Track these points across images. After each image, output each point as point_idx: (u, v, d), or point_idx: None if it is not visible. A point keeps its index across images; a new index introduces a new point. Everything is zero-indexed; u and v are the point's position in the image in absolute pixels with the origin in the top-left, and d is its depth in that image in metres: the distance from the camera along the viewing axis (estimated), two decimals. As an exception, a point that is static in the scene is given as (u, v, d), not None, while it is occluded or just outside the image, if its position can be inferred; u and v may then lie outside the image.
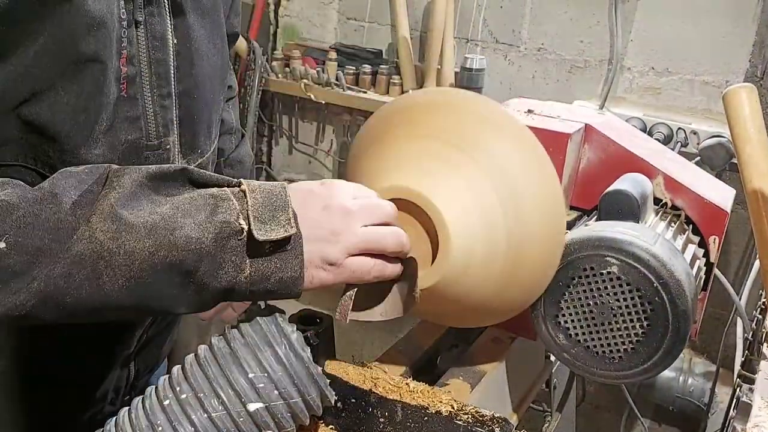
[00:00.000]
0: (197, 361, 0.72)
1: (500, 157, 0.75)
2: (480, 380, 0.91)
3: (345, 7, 2.16)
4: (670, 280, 0.76)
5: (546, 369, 1.15)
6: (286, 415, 0.71)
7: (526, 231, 0.75)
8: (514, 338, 1.01)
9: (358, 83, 2.05)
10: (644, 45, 1.76)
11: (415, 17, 2.02)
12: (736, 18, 1.64)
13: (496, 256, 0.74)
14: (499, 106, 0.80)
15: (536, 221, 0.76)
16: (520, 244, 0.75)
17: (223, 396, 0.68)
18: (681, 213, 0.97)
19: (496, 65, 1.95)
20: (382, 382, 0.79)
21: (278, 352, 0.70)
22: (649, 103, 1.79)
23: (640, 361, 0.80)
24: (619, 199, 0.87)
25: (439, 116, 0.77)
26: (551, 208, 0.77)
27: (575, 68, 1.86)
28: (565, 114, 1.01)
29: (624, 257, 0.78)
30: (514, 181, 0.74)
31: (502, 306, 0.82)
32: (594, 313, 0.81)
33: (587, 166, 1.00)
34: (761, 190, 0.84)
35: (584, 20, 1.81)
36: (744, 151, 0.86)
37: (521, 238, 0.75)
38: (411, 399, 0.77)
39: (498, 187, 0.74)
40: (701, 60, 1.70)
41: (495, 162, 0.74)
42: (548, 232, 0.77)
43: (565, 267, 0.81)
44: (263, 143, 2.40)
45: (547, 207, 0.77)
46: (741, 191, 0.93)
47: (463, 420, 0.74)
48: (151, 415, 0.69)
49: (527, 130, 0.77)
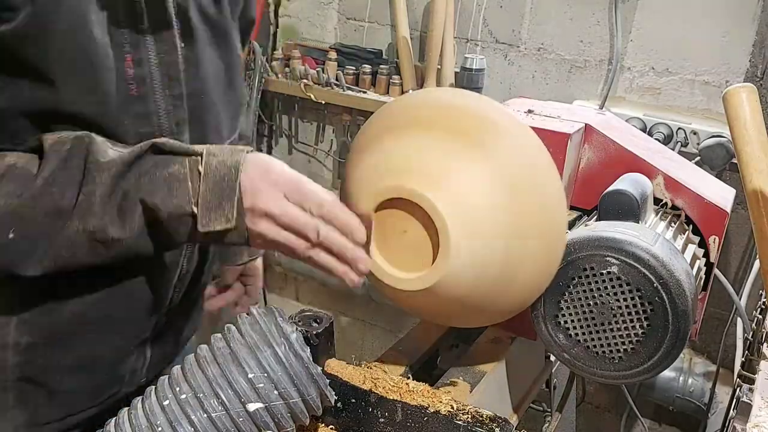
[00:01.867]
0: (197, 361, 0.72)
1: (501, 156, 0.75)
2: (480, 380, 0.91)
3: (345, 7, 2.16)
4: (670, 280, 0.76)
5: (546, 369, 1.15)
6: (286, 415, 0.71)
7: (527, 231, 0.75)
8: (514, 338, 1.01)
9: (358, 83, 2.05)
10: (644, 45, 1.76)
11: (415, 17, 2.02)
12: (736, 18, 1.64)
13: (497, 256, 0.74)
14: (500, 106, 0.80)
15: (537, 221, 0.76)
16: (520, 244, 0.75)
17: (223, 396, 0.68)
18: (681, 213, 0.97)
19: (496, 65, 1.95)
20: (382, 382, 0.79)
21: (278, 352, 0.70)
22: (649, 103, 1.79)
23: (640, 361, 0.80)
24: (619, 199, 0.87)
25: (439, 116, 0.77)
26: (552, 208, 0.77)
27: (575, 68, 1.85)
28: (565, 114, 1.01)
29: (624, 257, 0.78)
30: (514, 180, 0.74)
31: (503, 306, 0.82)
32: (594, 313, 0.81)
33: (587, 166, 1.00)
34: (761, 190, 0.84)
35: (584, 20, 1.81)
36: (744, 151, 0.86)
37: (522, 238, 0.75)
38: (411, 399, 0.77)
39: (498, 186, 0.74)
40: (701, 60, 1.70)
41: (495, 161, 0.74)
42: (549, 232, 0.77)
43: (565, 267, 0.81)
44: (263, 143, 2.40)
45: (547, 207, 0.76)
46: (741, 191, 0.93)
47: (463, 420, 0.74)
48: (150, 415, 0.69)
49: (529, 130, 0.77)
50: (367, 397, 0.79)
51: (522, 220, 0.74)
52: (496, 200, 0.73)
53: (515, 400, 1.02)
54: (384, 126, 0.80)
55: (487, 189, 0.73)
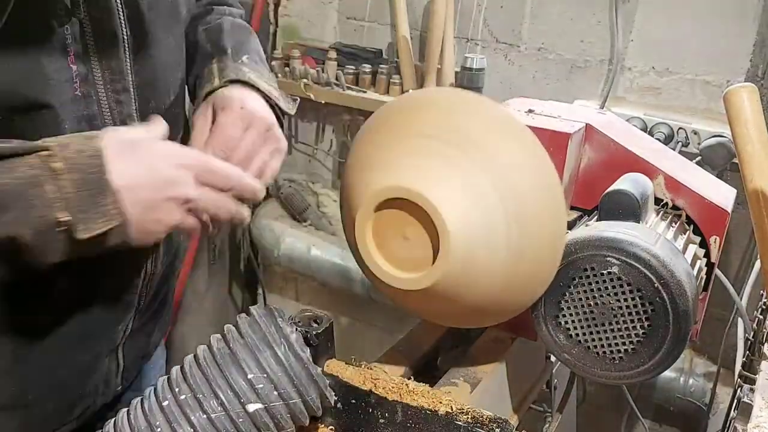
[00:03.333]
0: (196, 361, 0.71)
1: (501, 156, 0.74)
2: (480, 381, 0.91)
3: (345, 7, 2.16)
4: (671, 281, 0.76)
5: (546, 369, 1.15)
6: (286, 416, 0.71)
7: (527, 231, 0.75)
8: (514, 338, 1.01)
9: (357, 83, 2.05)
10: (645, 45, 1.76)
11: (415, 17, 2.02)
12: (736, 17, 1.63)
13: (497, 256, 0.74)
14: (500, 106, 0.79)
15: (537, 221, 0.75)
16: (520, 243, 0.75)
17: (222, 397, 0.68)
18: (682, 213, 0.97)
19: (496, 65, 1.95)
20: (382, 382, 0.79)
21: (277, 353, 0.70)
22: (650, 102, 1.79)
23: (640, 362, 0.80)
24: (619, 199, 0.87)
25: (439, 116, 0.77)
26: (552, 208, 0.77)
27: (576, 68, 1.85)
28: (565, 114, 1.01)
29: (625, 257, 0.77)
30: (514, 180, 0.74)
31: (503, 306, 0.82)
32: (594, 314, 0.81)
33: (588, 166, 1.00)
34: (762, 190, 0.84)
35: (585, 20, 1.81)
36: (745, 150, 0.85)
37: (522, 238, 0.75)
38: (411, 400, 0.77)
39: (498, 186, 0.73)
40: (702, 60, 1.70)
41: (495, 161, 0.74)
42: (549, 231, 0.77)
43: (566, 267, 0.81)
44: (263, 143, 2.39)
45: (547, 206, 0.76)
46: (742, 191, 0.92)
47: (463, 421, 0.74)
48: (149, 416, 0.69)
49: (527, 130, 0.77)
50: (367, 398, 0.78)
51: (522, 220, 0.74)
52: (496, 200, 0.73)
53: (515, 401, 1.01)
54: (383, 126, 0.80)
55: (487, 189, 0.73)
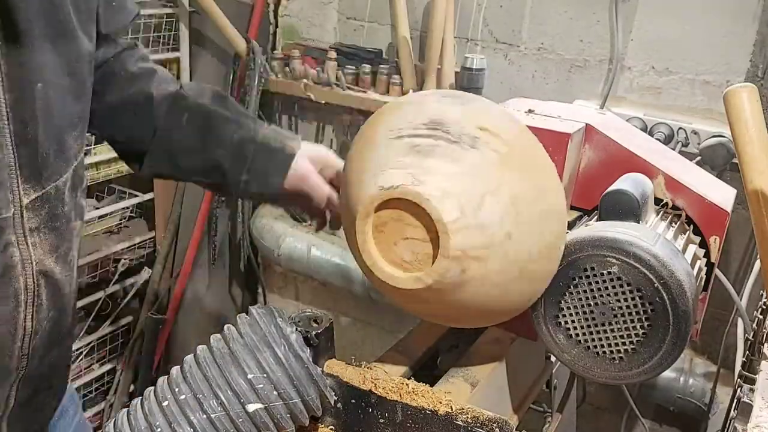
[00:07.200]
0: (196, 361, 0.71)
1: (500, 156, 0.74)
2: (480, 381, 0.91)
3: (345, 7, 2.16)
4: (670, 281, 0.76)
5: (546, 369, 1.14)
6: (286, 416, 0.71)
7: (527, 231, 0.75)
8: (514, 339, 1.01)
9: (358, 83, 2.05)
10: (645, 44, 1.76)
11: (415, 17, 2.02)
12: (736, 17, 1.64)
13: (497, 256, 0.74)
14: (499, 107, 0.79)
15: (537, 221, 0.75)
16: (520, 243, 0.75)
17: (222, 397, 0.68)
18: (682, 213, 0.97)
19: (496, 65, 1.95)
20: (382, 382, 0.79)
21: (277, 353, 0.70)
22: (650, 102, 1.79)
23: (640, 362, 0.80)
24: (619, 199, 0.87)
25: (439, 116, 0.77)
26: (552, 208, 0.77)
27: (575, 68, 1.85)
28: (565, 114, 1.01)
29: (625, 257, 0.77)
30: (514, 180, 0.74)
31: (502, 306, 0.81)
32: (594, 314, 0.81)
33: (588, 166, 1.00)
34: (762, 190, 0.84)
35: (584, 20, 1.81)
36: (745, 150, 0.85)
37: (521, 238, 0.75)
38: (411, 400, 0.77)
39: (498, 186, 0.73)
40: (702, 60, 1.70)
41: (495, 163, 0.74)
42: (549, 231, 0.77)
43: (566, 267, 0.81)
44: (263, 143, 2.40)
45: (547, 207, 0.76)
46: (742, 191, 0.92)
47: (463, 421, 0.74)
48: (149, 416, 0.69)
49: (527, 131, 0.77)
50: (367, 398, 0.78)
51: (522, 220, 0.74)
52: (496, 200, 0.73)
53: (515, 401, 1.01)
54: (382, 126, 0.80)
55: (486, 189, 0.73)
